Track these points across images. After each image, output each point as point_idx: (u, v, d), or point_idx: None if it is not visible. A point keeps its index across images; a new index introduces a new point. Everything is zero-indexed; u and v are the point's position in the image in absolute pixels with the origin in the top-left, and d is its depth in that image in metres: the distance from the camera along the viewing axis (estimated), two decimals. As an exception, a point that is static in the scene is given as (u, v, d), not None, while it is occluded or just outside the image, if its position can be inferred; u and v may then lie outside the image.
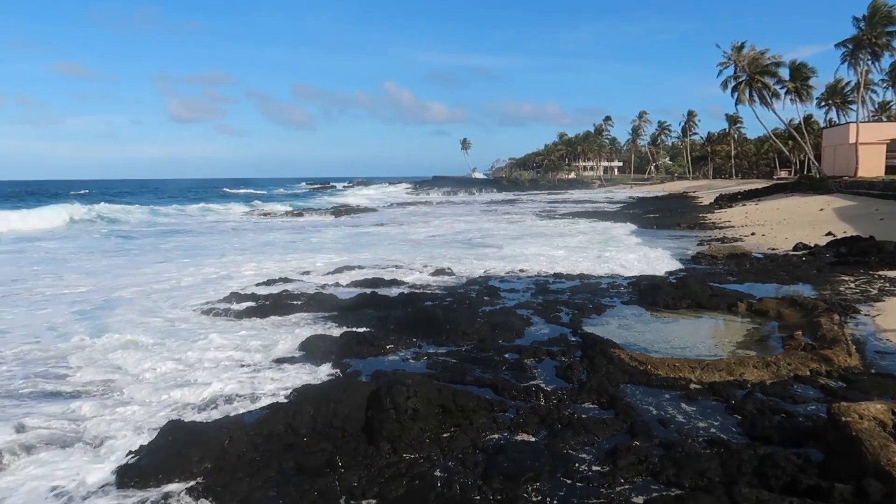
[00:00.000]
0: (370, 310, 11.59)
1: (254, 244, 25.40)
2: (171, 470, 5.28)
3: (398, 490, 5.10)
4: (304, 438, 5.93)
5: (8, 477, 5.47)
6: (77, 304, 12.81)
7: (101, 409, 6.99)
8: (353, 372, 8.11)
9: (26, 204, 46.11)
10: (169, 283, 15.30)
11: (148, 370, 8.29)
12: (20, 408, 7.06)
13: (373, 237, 27.91)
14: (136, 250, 23.80)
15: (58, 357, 8.97)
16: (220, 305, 12.13)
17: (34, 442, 6.04)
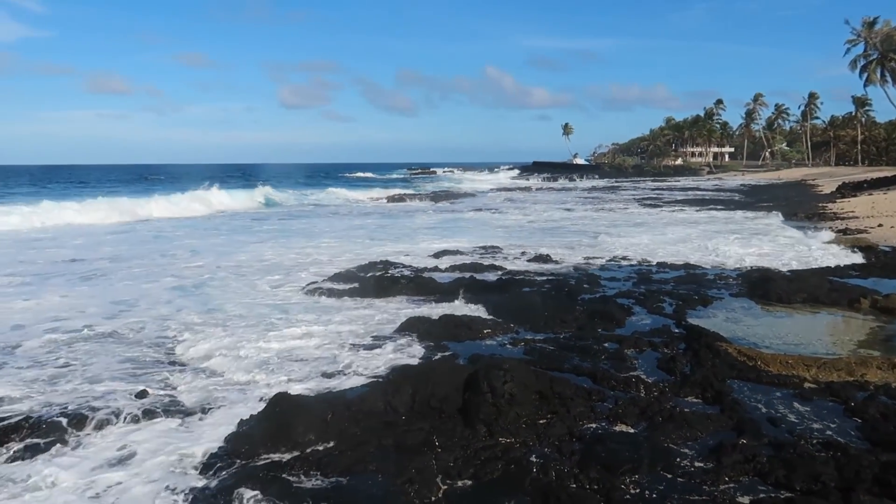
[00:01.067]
0: (468, 294, 11.65)
1: (361, 228, 26.14)
2: (278, 440, 5.55)
3: (493, 473, 5.13)
4: (403, 417, 6.07)
5: (131, 438, 5.93)
6: (204, 276, 13.68)
7: (212, 380, 7.46)
8: (451, 354, 8.21)
9: (179, 187, 49.56)
10: (289, 260, 16.02)
11: (254, 345, 8.74)
12: (139, 377, 7.64)
13: (471, 223, 28.03)
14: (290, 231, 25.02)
15: (179, 328, 9.63)
16: (325, 285, 12.58)
17: (153, 408, 6.51)
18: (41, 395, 6.94)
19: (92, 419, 6.21)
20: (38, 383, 7.34)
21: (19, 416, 6.25)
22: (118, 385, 7.24)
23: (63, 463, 5.46)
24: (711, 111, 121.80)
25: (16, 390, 7.09)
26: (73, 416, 6.24)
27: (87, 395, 6.95)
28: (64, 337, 9.22)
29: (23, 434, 5.85)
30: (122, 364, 8.04)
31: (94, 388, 7.15)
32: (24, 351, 8.59)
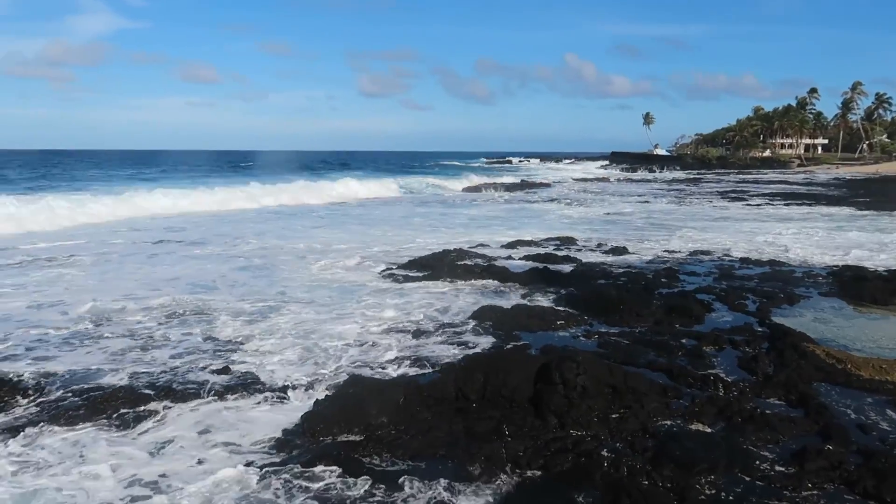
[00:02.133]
0: (542, 284, 11.58)
1: (445, 216, 26.34)
2: (352, 420, 5.69)
3: (563, 465, 5.09)
4: (474, 404, 6.10)
5: (213, 411, 6.21)
6: (269, 258, 14.14)
7: (290, 359, 7.71)
8: (523, 344, 8.17)
9: (277, 175, 51.36)
10: (385, 245, 16.35)
11: (330, 327, 8.97)
12: (221, 353, 7.98)
13: (546, 213, 27.75)
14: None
15: (267, 309, 9.99)
16: (400, 272, 12.75)
17: (234, 384, 6.79)
18: (132, 367, 7.36)
19: (178, 392, 6.54)
20: (130, 354, 7.79)
21: (113, 386, 6.66)
22: (203, 360, 7.59)
23: (151, 435, 5.78)
24: (804, 100, 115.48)
25: (109, 362, 7.55)
26: (161, 389, 6.60)
27: (173, 368, 7.33)
28: (155, 311, 9.72)
29: (118, 403, 6.22)
30: (205, 342, 8.41)
31: (180, 363, 7.53)
32: (117, 323, 9.11)
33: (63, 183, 44.44)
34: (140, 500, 4.67)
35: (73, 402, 6.28)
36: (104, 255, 15.33)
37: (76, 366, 7.40)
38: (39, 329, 8.83)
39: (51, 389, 6.61)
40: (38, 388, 6.62)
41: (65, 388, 6.62)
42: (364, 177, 48.29)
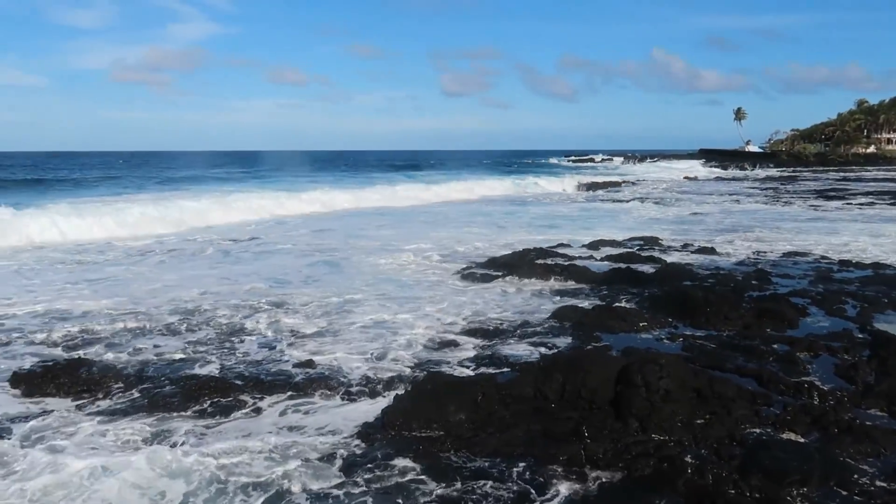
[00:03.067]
0: (624, 285, 11.33)
1: (513, 215, 26.24)
2: (430, 416, 5.75)
3: (644, 469, 4.97)
4: (552, 404, 6.04)
5: (296, 404, 6.43)
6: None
7: (369, 354, 7.87)
8: (604, 345, 8.03)
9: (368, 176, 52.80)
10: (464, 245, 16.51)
11: (409, 323, 9.10)
12: (305, 349, 8.23)
13: (629, 212, 27.13)
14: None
15: (351, 304, 10.25)
16: (478, 271, 12.78)
17: (317, 377, 7.00)
18: (220, 358, 7.71)
19: (264, 383, 6.80)
20: (216, 345, 8.16)
21: (204, 376, 7.00)
22: (285, 355, 7.86)
23: (241, 423, 6.04)
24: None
25: (201, 353, 7.95)
26: (249, 379, 6.88)
27: (260, 360, 7.63)
28: (244, 303, 10.15)
29: (210, 392, 6.54)
30: (290, 335, 8.70)
31: (266, 354, 7.83)
32: (204, 314, 9.56)
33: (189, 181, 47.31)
34: (230, 485, 4.88)
35: (170, 389, 6.64)
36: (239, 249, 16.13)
37: (172, 355, 7.82)
38: (146, 317, 9.40)
39: (148, 377, 7.01)
40: (139, 376, 7.04)
41: (161, 377, 7.00)
42: (450, 178, 48.65)
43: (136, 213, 21.70)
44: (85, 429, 5.85)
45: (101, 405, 6.39)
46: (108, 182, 47.02)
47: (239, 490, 4.80)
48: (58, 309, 10.03)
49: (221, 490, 4.81)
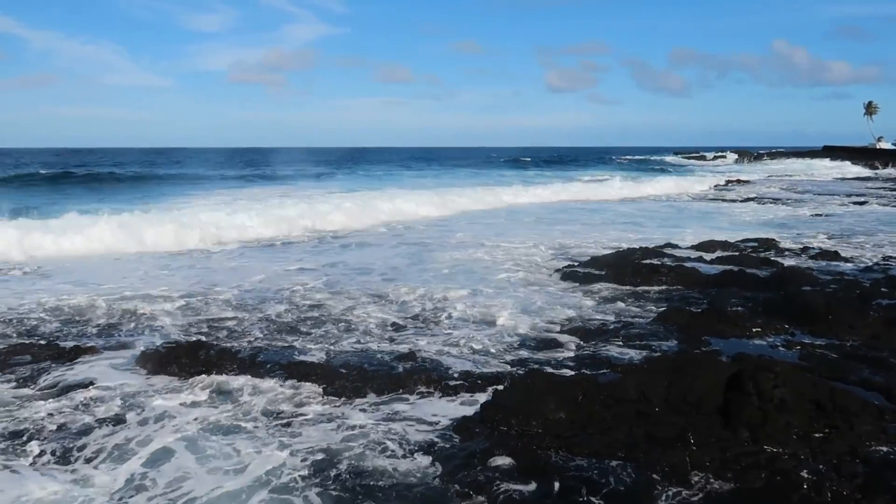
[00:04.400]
0: (735, 288, 10.80)
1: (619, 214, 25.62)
2: (530, 414, 5.72)
3: (755, 481, 4.73)
4: (656, 408, 5.85)
5: (397, 396, 6.57)
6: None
7: (468, 349, 7.92)
8: (713, 350, 7.69)
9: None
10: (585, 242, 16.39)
11: (508, 321, 9.09)
12: (403, 340, 8.39)
13: (743, 213, 25.79)
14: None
15: (455, 299, 10.39)
16: (581, 270, 12.56)
17: (416, 369, 7.12)
18: (328, 347, 8.01)
19: (366, 373, 6.99)
20: (322, 335, 8.47)
21: (311, 363, 7.29)
22: (388, 346, 8.05)
23: (343, 408, 6.26)
24: None
25: (312, 341, 8.29)
26: (353, 368, 7.10)
27: (362, 350, 7.85)
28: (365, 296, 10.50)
29: (315, 378, 6.82)
30: (387, 330, 8.91)
31: (368, 345, 8.06)
32: (319, 306, 9.95)
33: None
34: (325, 471, 5.07)
35: (279, 376, 6.96)
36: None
37: (282, 342, 8.21)
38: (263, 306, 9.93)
39: (259, 362, 7.37)
40: (252, 361, 7.42)
41: (271, 362, 7.36)
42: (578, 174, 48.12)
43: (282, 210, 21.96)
44: (200, 405, 6.25)
45: (217, 387, 6.79)
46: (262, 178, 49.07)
47: (333, 476, 4.95)
48: (194, 293, 10.76)
49: (315, 474, 4.99)
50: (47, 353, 7.64)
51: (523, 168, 69.96)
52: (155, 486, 4.87)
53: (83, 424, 5.86)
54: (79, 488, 4.80)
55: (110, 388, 6.70)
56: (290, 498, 4.67)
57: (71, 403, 6.32)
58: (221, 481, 4.89)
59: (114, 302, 10.25)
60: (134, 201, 25.87)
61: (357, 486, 4.81)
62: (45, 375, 7.03)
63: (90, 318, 9.45)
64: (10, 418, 5.98)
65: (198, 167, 60.27)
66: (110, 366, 7.34)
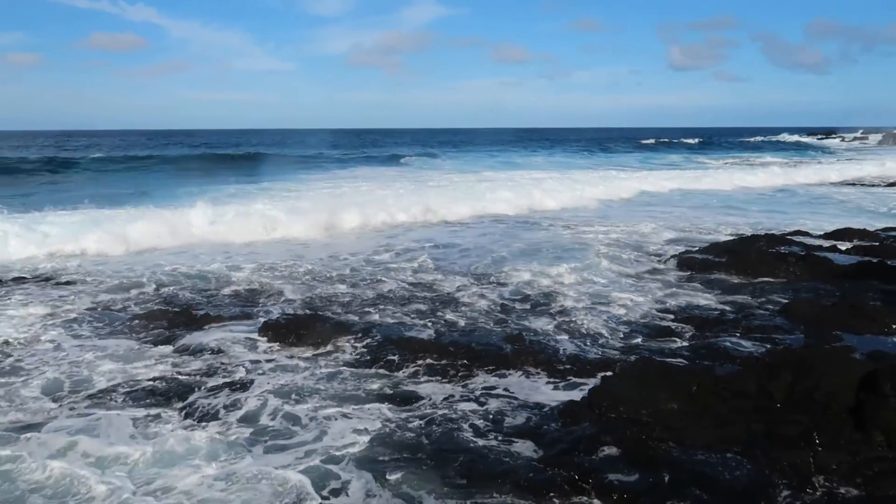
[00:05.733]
0: (874, 281, 9.95)
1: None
2: (639, 402, 5.56)
3: (889, 489, 4.36)
4: (777, 405, 5.51)
5: (502, 375, 6.58)
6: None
7: (577, 333, 7.79)
8: (844, 346, 7.14)
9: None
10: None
11: (622, 304, 8.85)
12: (513, 322, 8.36)
13: (888, 198, 23.62)
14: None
15: (572, 283, 10.27)
16: (698, 256, 12.01)
17: (524, 352, 7.09)
18: (438, 325, 8.13)
19: (474, 351, 7.05)
20: (436, 316, 8.61)
21: (422, 340, 7.44)
22: (497, 328, 8.06)
23: (449, 388, 6.35)
24: None
25: (417, 318, 8.45)
26: (461, 346, 7.18)
27: (472, 330, 7.91)
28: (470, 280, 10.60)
29: (426, 355, 6.96)
30: (497, 311, 8.91)
31: (478, 325, 8.11)
32: (429, 284, 10.13)
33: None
34: (428, 445, 5.17)
35: (389, 349, 7.16)
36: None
37: (393, 318, 8.44)
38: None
39: (373, 337, 7.61)
40: (365, 334, 7.68)
41: (384, 337, 7.57)
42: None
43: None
44: (320, 376, 6.55)
45: (332, 358, 7.09)
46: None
47: (434, 453, 5.02)
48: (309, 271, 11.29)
49: (417, 449, 5.09)
50: (181, 320, 8.27)
51: (651, 151, 66.48)
52: (274, 446, 5.17)
53: (209, 386, 6.30)
54: (207, 443, 5.18)
55: (231, 354, 7.16)
56: (389, 473, 4.78)
57: (197, 366, 6.82)
58: (324, 448, 5.12)
59: (243, 275, 10.94)
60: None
61: (460, 465, 4.86)
62: (178, 340, 7.62)
63: (220, 289, 10.13)
64: (145, 377, 6.54)
65: (329, 148, 62.34)
66: (234, 333, 7.83)
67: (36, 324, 8.22)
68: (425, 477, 4.71)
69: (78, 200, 18.02)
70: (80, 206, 17.35)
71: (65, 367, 6.79)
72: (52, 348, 7.38)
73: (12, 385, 6.34)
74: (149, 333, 7.87)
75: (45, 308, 8.88)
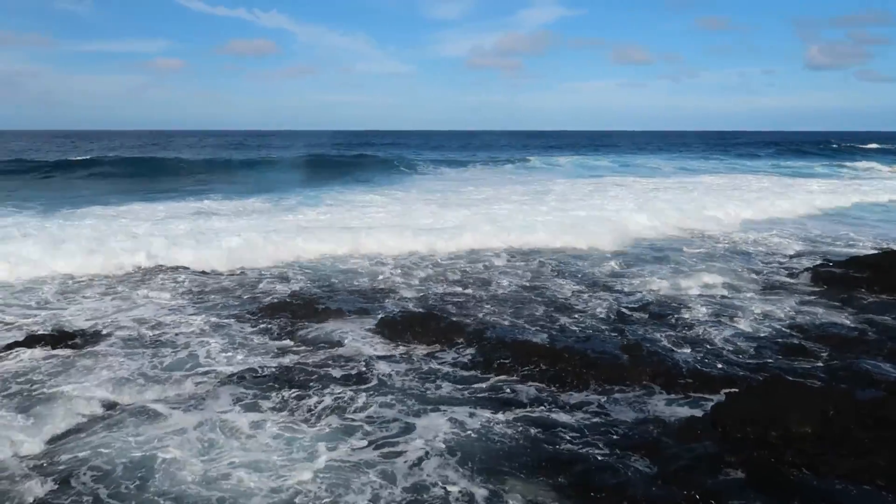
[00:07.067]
0: None
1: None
2: (768, 423, 5.20)
3: None
4: (930, 437, 5.00)
5: (612, 386, 6.38)
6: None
7: (696, 344, 7.43)
8: None
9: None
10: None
11: (747, 317, 8.36)
12: (630, 331, 8.10)
13: None
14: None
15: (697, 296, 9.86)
16: (836, 270, 11.12)
17: (639, 362, 6.84)
18: (552, 330, 8.03)
19: (589, 358, 6.89)
20: (548, 317, 8.50)
21: (536, 344, 7.37)
22: (614, 336, 7.84)
23: (559, 397, 6.24)
24: None
25: (531, 322, 8.38)
26: (575, 353, 7.04)
27: (587, 337, 7.74)
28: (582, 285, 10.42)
29: (537, 359, 6.89)
30: (614, 319, 8.66)
31: (595, 332, 7.92)
32: (540, 290, 10.03)
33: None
34: (536, 455, 5.09)
35: (502, 351, 7.15)
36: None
37: (507, 321, 8.41)
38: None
39: (486, 338, 7.62)
40: (478, 335, 7.71)
41: (497, 339, 7.56)
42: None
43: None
44: (434, 375, 6.64)
45: (446, 357, 7.17)
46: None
47: (548, 459, 4.96)
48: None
49: (528, 455, 5.04)
50: (303, 312, 8.66)
51: (803, 157, 59.58)
52: (385, 441, 5.29)
53: (326, 377, 6.55)
54: (321, 433, 5.38)
55: (349, 348, 7.40)
56: (499, 478, 4.75)
57: (316, 358, 7.11)
58: (434, 448, 5.17)
59: (364, 271, 11.33)
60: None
61: (571, 474, 4.76)
62: (299, 331, 7.99)
63: (342, 284, 10.53)
64: (268, 365, 6.90)
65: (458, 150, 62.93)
66: (352, 328, 8.10)
67: (176, 307, 8.93)
68: (536, 484, 4.66)
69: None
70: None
71: (195, 349, 7.31)
72: (188, 331, 7.97)
73: (149, 362, 6.94)
74: (274, 324, 8.30)
75: (196, 293, 9.64)
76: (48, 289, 9.96)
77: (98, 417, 5.70)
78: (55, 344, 7.35)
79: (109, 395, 6.12)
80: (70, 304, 9.27)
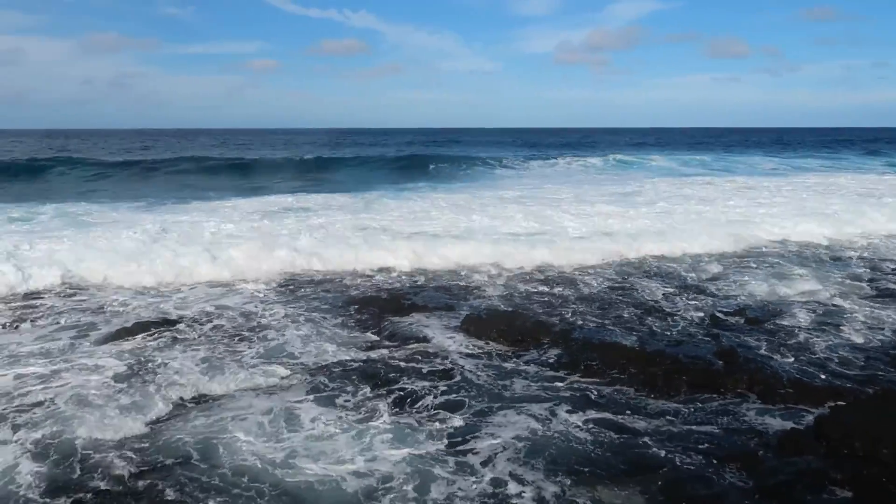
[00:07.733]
0: None
1: None
2: (880, 439, 4.86)
3: None
4: None
5: (711, 392, 6.10)
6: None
7: (802, 360, 7.02)
8: None
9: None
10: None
11: (850, 325, 7.83)
12: (726, 337, 7.73)
13: None
14: None
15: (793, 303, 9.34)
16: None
17: (738, 370, 6.52)
18: (642, 332, 7.79)
19: (681, 364, 6.64)
20: (642, 324, 8.25)
21: (624, 346, 7.18)
22: (708, 341, 7.52)
23: (649, 405, 6.05)
24: None
25: (619, 324, 8.16)
26: (666, 357, 6.80)
27: (680, 341, 7.46)
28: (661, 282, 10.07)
29: (626, 364, 6.71)
30: (708, 323, 8.30)
31: (687, 337, 7.63)
32: (627, 290, 9.75)
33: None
34: (604, 459, 4.94)
35: (589, 353, 7.00)
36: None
37: (594, 322, 8.23)
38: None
39: (573, 339, 7.49)
40: (564, 336, 7.58)
41: (584, 340, 7.41)
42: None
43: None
44: (518, 374, 6.58)
45: (530, 356, 7.10)
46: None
47: (636, 465, 4.81)
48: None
49: (616, 460, 4.91)
50: (391, 307, 8.80)
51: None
52: (468, 437, 5.28)
53: (411, 371, 6.62)
54: (405, 427, 5.44)
55: (433, 344, 7.45)
56: (586, 483, 4.65)
57: (402, 353, 7.19)
58: (518, 448, 5.11)
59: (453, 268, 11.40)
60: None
61: (661, 482, 4.59)
62: (385, 325, 8.11)
63: (428, 281, 10.63)
64: (355, 358, 7.03)
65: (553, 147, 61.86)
66: (437, 324, 8.14)
67: (265, 298, 9.28)
68: (624, 490, 4.53)
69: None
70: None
71: (286, 340, 7.56)
72: (276, 323, 8.25)
73: (241, 351, 7.26)
74: (361, 317, 8.47)
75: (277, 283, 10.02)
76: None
77: (192, 402, 6.00)
78: (160, 331, 7.83)
79: (205, 380, 6.42)
80: (174, 293, 9.82)
